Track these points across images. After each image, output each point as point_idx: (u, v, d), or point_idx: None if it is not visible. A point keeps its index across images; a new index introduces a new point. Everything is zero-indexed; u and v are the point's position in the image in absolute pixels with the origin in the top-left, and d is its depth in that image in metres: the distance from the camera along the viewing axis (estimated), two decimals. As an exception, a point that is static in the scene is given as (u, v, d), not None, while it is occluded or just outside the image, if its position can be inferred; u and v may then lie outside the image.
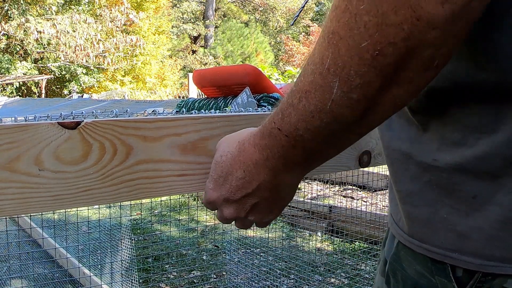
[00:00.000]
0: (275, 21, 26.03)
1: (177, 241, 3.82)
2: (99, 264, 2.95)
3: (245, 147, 0.52)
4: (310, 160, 0.50)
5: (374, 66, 0.38)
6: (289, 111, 0.45)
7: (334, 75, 0.40)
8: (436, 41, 0.37)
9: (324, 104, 0.42)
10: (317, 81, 0.42)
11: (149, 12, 17.38)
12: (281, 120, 0.47)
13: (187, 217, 4.14)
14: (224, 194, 0.55)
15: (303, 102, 0.44)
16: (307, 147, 0.47)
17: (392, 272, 0.59)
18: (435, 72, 0.40)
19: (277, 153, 0.49)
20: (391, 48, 0.37)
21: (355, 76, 0.39)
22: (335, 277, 3.22)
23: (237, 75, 0.94)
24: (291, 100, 0.45)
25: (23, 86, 14.52)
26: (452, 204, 0.49)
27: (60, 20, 13.79)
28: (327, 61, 0.40)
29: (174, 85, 17.99)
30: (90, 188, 0.54)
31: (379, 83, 0.39)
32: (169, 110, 1.00)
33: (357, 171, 4.25)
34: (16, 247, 3.03)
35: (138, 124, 0.56)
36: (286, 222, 4.25)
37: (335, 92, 0.41)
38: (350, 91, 0.40)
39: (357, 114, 0.42)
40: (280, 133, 0.47)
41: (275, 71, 9.83)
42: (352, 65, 0.39)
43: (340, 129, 0.44)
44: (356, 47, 0.38)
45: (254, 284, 3.08)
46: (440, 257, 0.51)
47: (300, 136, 0.46)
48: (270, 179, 0.52)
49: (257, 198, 0.53)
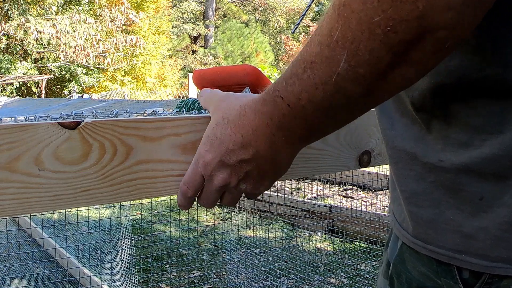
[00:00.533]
0: (275, 21, 26.03)
1: (177, 241, 3.82)
2: (99, 264, 2.95)
3: (246, 112, 0.51)
4: (309, 133, 0.49)
5: (385, 42, 0.37)
6: (293, 80, 0.44)
7: (343, 48, 0.39)
8: (451, 22, 0.36)
9: (329, 77, 0.41)
10: (324, 53, 0.41)
11: (149, 12, 17.38)
12: (285, 89, 0.46)
13: (187, 217, 4.14)
14: (220, 157, 0.52)
15: (308, 72, 0.43)
16: (308, 119, 0.46)
17: (396, 274, 0.58)
18: (445, 54, 0.40)
19: (277, 122, 0.48)
20: (404, 25, 0.36)
21: (364, 51, 0.38)
22: (335, 277, 3.22)
23: (237, 75, 0.94)
24: (295, 70, 0.44)
25: (23, 86, 14.53)
26: (457, 205, 0.48)
27: (60, 20, 13.80)
28: (336, 33, 0.39)
29: (174, 85, 17.99)
30: (90, 188, 0.54)
31: (388, 60, 0.39)
32: (169, 110, 1.00)
33: (357, 171, 4.25)
34: (16, 247, 3.03)
35: (138, 124, 0.56)
36: (286, 222, 4.25)
37: (341, 65, 0.40)
38: (358, 65, 0.39)
39: (361, 90, 0.41)
40: (283, 102, 0.46)
41: (275, 71, 9.83)
42: (362, 40, 0.38)
43: (343, 103, 0.43)
44: (368, 21, 0.37)
45: (254, 284, 3.08)
46: (446, 258, 0.50)
47: (302, 107, 0.45)
48: (267, 147, 0.50)
49: (252, 165, 0.52)
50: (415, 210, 0.53)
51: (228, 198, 0.56)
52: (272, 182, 0.55)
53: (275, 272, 3.23)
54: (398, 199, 0.57)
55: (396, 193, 0.58)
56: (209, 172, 0.54)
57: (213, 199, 0.56)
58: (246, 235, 3.75)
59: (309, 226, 4.06)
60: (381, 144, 0.83)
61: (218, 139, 0.53)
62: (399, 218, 0.58)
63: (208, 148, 0.53)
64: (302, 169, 0.71)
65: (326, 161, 0.74)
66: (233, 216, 4.30)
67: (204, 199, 0.56)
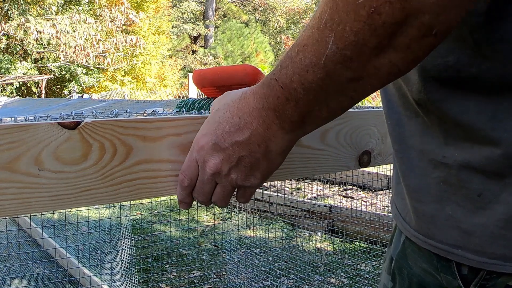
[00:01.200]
0: (275, 21, 26.03)
1: (177, 241, 3.82)
2: (99, 264, 2.95)
3: (246, 95, 0.52)
4: (301, 118, 0.49)
5: (369, 24, 0.38)
6: (287, 63, 0.46)
7: (330, 30, 0.40)
8: (434, 7, 0.37)
9: (318, 59, 0.42)
10: (314, 35, 0.42)
11: (149, 12, 17.38)
12: (279, 72, 0.47)
13: (187, 217, 4.14)
14: (214, 139, 0.53)
15: (300, 55, 0.44)
16: (300, 102, 0.47)
17: (398, 270, 0.59)
18: (434, 41, 0.40)
19: (272, 104, 0.49)
20: (387, 7, 0.37)
21: (350, 32, 0.39)
22: (335, 277, 3.22)
23: (237, 75, 0.94)
24: (290, 53, 0.46)
25: (23, 86, 14.53)
26: (458, 201, 0.49)
27: (60, 20, 13.79)
28: (324, 16, 0.40)
29: (174, 85, 17.99)
30: (90, 188, 0.54)
31: (373, 43, 0.39)
32: (169, 110, 1.00)
33: (357, 171, 4.25)
34: (16, 247, 3.03)
35: (138, 124, 0.56)
36: (286, 222, 4.25)
37: (329, 47, 0.41)
38: (344, 47, 0.40)
39: (350, 73, 0.42)
40: (277, 84, 0.47)
41: (275, 71, 9.80)
42: (348, 21, 0.39)
43: (332, 88, 0.44)
44: (353, 3, 0.38)
45: (254, 284, 3.08)
46: (444, 253, 0.51)
47: (294, 90, 0.46)
48: (261, 131, 0.51)
49: (245, 150, 0.52)
50: (418, 205, 0.54)
51: (218, 193, 0.56)
52: (263, 176, 0.55)
53: (275, 272, 3.23)
54: (402, 193, 0.58)
55: (401, 188, 0.58)
56: (202, 157, 0.54)
57: (207, 190, 0.55)
58: (246, 235, 3.76)
59: (309, 226, 4.06)
60: (381, 144, 0.83)
61: (216, 122, 0.53)
62: (402, 212, 0.59)
63: (205, 132, 0.54)
64: (302, 169, 0.71)
65: (326, 161, 0.74)
66: (233, 216, 4.30)
67: (198, 191, 0.56)
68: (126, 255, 2.80)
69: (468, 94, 0.46)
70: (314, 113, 0.48)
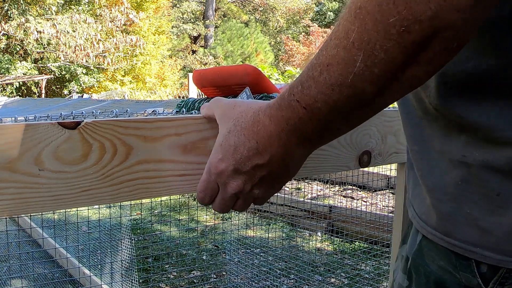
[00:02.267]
0: (275, 21, 26.03)
1: (177, 241, 3.82)
2: (99, 264, 2.95)
3: (260, 118, 0.52)
4: (322, 134, 0.50)
5: (399, 42, 0.39)
6: (309, 83, 0.46)
7: (359, 49, 0.41)
8: (458, 23, 0.38)
9: (345, 78, 0.43)
10: (340, 55, 0.43)
11: (149, 12, 17.38)
12: (301, 92, 0.47)
13: (187, 217, 4.15)
14: (234, 164, 0.54)
15: (324, 75, 0.44)
16: (323, 120, 0.47)
17: (415, 268, 0.60)
18: (453, 54, 0.42)
19: (293, 125, 0.49)
20: (417, 25, 0.38)
21: (380, 50, 0.40)
22: (335, 277, 3.22)
23: (237, 75, 0.94)
24: (311, 73, 0.46)
25: (23, 86, 14.53)
26: (476, 200, 0.50)
27: (60, 20, 13.79)
28: (352, 35, 0.41)
29: (174, 85, 17.99)
30: (90, 188, 0.54)
31: (401, 59, 0.41)
32: (169, 110, 1.00)
33: (357, 171, 4.25)
34: (16, 247, 3.03)
35: (138, 124, 0.56)
36: (286, 222, 4.25)
37: (357, 65, 0.42)
38: (373, 65, 0.41)
39: (376, 90, 0.43)
40: (299, 105, 0.47)
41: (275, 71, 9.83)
42: (378, 40, 0.40)
43: (357, 104, 0.45)
44: (383, 22, 0.39)
45: (254, 284, 3.08)
46: (462, 251, 0.52)
47: (318, 109, 0.46)
48: (282, 152, 0.52)
49: (266, 170, 0.54)
50: (436, 203, 0.55)
51: (240, 204, 0.58)
52: (281, 186, 0.58)
53: (275, 272, 3.23)
54: (420, 194, 0.59)
55: (419, 189, 0.59)
56: (223, 180, 0.55)
57: (227, 205, 0.58)
58: (246, 235, 3.76)
59: (309, 226, 4.06)
60: (381, 144, 0.83)
61: (231, 146, 0.54)
62: (419, 212, 0.60)
63: (221, 156, 0.55)
64: (302, 169, 0.71)
65: (326, 161, 0.74)
66: (233, 216, 4.30)
67: (219, 206, 0.58)
68: (126, 255, 2.80)
69: (487, 99, 0.48)
70: (337, 127, 0.50)
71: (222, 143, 0.55)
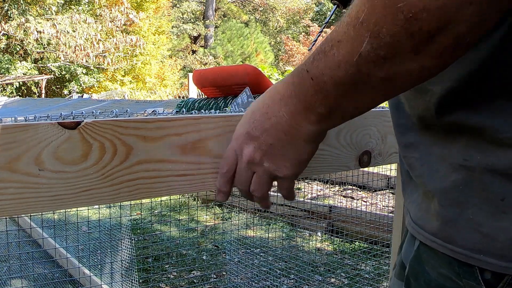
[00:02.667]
0: (275, 21, 26.03)
1: (177, 241, 3.82)
2: (99, 264, 2.95)
3: (277, 85, 0.55)
4: (328, 111, 0.50)
5: (406, 28, 0.39)
6: (320, 56, 0.47)
7: (366, 30, 0.41)
8: (471, 18, 0.38)
9: (351, 56, 0.43)
10: (350, 33, 0.43)
11: (149, 12, 17.38)
12: (311, 64, 0.48)
13: (187, 217, 4.15)
14: (247, 128, 0.56)
15: (334, 50, 0.45)
16: (328, 95, 0.48)
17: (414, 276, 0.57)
18: (466, 49, 0.41)
19: (300, 93, 0.51)
20: (425, 14, 0.38)
21: (386, 34, 0.40)
22: (335, 277, 3.22)
23: (237, 75, 0.94)
24: (323, 47, 0.47)
25: (23, 86, 14.53)
26: (479, 204, 0.48)
27: (60, 20, 13.79)
28: (361, 15, 0.42)
29: (174, 85, 17.99)
30: (90, 188, 0.54)
31: (408, 47, 0.40)
32: (169, 110, 1.00)
33: (357, 171, 4.25)
34: (16, 247, 3.03)
35: (138, 124, 0.56)
36: (286, 222, 4.25)
37: (364, 46, 0.42)
38: (379, 47, 0.41)
39: (381, 73, 0.43)
40: (307, 75, 0.49)
41: (275, 71, 9.83)
42: (385, 23, 0.40)
43: (362, 86, 0.45)
44: (392, 6, 0.39)
45: (254, 284, 3.08)
46: (465, 258, 0.49)
47: (324, 83, 0.47)
48: (287, 119, 0.53)
49: (273, 137, 0.54)
50: (437, 209, 0.53)
51: (255, 181, 0.58)
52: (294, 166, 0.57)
53: (275, 272, 3.23)
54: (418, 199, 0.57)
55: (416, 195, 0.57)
56: (239, 145, 0.58)
57: (244, 178, 0.59)
58: (246, 235, 3.76)
59: (309, 226, 4.06)
60: (381, 144, 0.83)
61: (250, 111, 0.57)
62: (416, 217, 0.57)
63: (242, 121, 0.58)
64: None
65: (326, 161, 0.74)
66: (233, 216, 4.30)
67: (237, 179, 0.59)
68: (126, 255, 2.80)
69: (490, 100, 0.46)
70: (342, 108, 0.50)
71: (247, 110, 0.58)
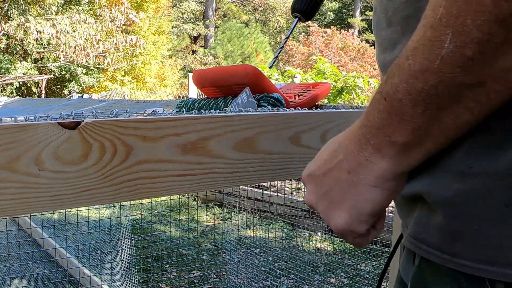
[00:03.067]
0: (275, 21, 26.03)
1: (177, 241, 3.82)
2: (99, 264, 2.95)
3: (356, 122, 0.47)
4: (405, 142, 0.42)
5: (496, 13, 0.32)
6: (394, 71, 0.40)
7: (447, 26, 0.35)
8: None
9: (431, 62, 0.36)
10: (426, 35, 0.36)
11: (149, 12, 17.37)
12: (384, 83, 0.41)
13: (187, 217, 4.15)
14: (312, 168, 0.50)
15: (409, 61, 0.38)
16: (405, 116, 0.40)
17: None
18: None
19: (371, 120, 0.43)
20: None
21: (472, 26, 0.33)
22: (335, 277, 3.22)
23: (237, 75, 0.94)
24: (397, 61, 0.40)
25: (23, 86, 14.53)
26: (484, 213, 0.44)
27: (60, 20, 13.79)
28: (439, 10, 0.35)
29: (174, 85, 17.99)
30: (90, 188, 0.54)
31: (500, 38, 0.33)
32: (169, 110, 1.00)
33: (357, 171, 4.23)
34: (16, 247, 3.03)
35: (138, 124, 0.56)
36: (286, 222, 4.25)
37: (446, 47, 0.35)
38: (464, 45, 0.34)
39: (469, 79, 0.36)
40: (380, 96, 0.41)
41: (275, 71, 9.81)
42: (469, 12, 0.33)
43: (446, 98, 0.37)
44: None
45: (254, 284, 3.08)
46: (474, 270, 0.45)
47: (399, 101, 0.39)
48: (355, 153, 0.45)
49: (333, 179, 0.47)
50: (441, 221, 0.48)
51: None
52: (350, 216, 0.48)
53: (275, 272, 3.23)
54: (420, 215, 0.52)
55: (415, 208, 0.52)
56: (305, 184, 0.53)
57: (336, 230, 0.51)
58: (246, 235, 3.76)
59: (309, 226, 4.06)
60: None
61: (321, 153, 0.51)
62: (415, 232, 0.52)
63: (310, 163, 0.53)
64: (302, 169, 0.71)
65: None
66: (233, 216, 4.30)
67: None
68: (126, 255, 2.80)
69: None
70: (423, 131, 0.41)
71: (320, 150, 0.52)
